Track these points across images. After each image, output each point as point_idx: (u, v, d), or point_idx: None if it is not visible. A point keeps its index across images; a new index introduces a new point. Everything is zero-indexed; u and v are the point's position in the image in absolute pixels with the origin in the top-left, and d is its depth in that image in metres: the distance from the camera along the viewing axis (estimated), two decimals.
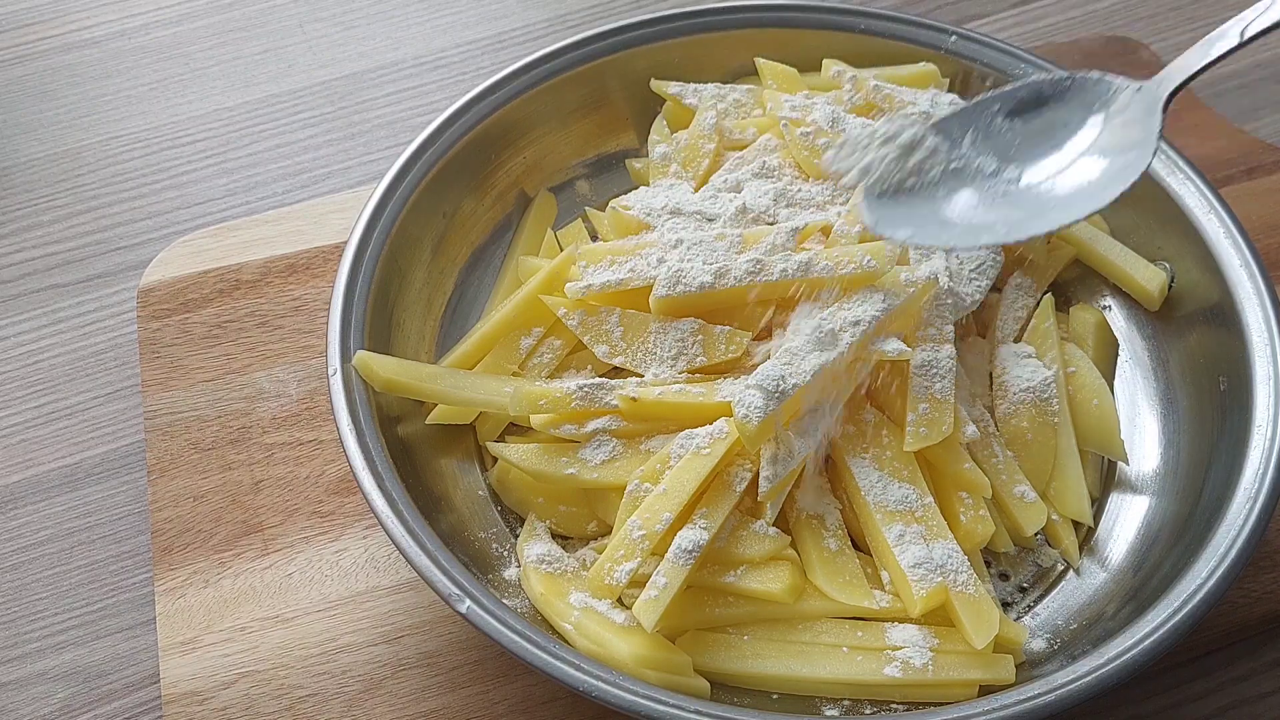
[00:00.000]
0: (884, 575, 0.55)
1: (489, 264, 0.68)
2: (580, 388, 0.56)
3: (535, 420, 0.57)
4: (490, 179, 0.69)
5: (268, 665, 0.57)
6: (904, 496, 0.55)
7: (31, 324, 0.72)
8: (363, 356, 0.57)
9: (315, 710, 0.56)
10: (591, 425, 0.56)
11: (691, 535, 0.52)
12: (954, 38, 0.70)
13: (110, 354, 0.71)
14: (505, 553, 0.58)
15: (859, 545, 0.57)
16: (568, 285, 0.60)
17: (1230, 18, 0.55)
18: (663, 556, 0.52)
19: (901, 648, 0.53)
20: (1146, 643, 0.49)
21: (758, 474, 0.54)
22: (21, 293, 0.74)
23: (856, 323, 0.55)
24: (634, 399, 0.56)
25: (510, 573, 0.57)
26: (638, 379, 0.58)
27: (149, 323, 0.69)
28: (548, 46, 0.69)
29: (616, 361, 0.59)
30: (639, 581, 0.52)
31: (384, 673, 0.57)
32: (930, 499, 0.55)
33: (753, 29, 0.72)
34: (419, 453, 0.59)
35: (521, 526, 0.59)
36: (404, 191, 0.63)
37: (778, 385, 0.53)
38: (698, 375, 0.58)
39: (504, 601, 0.51)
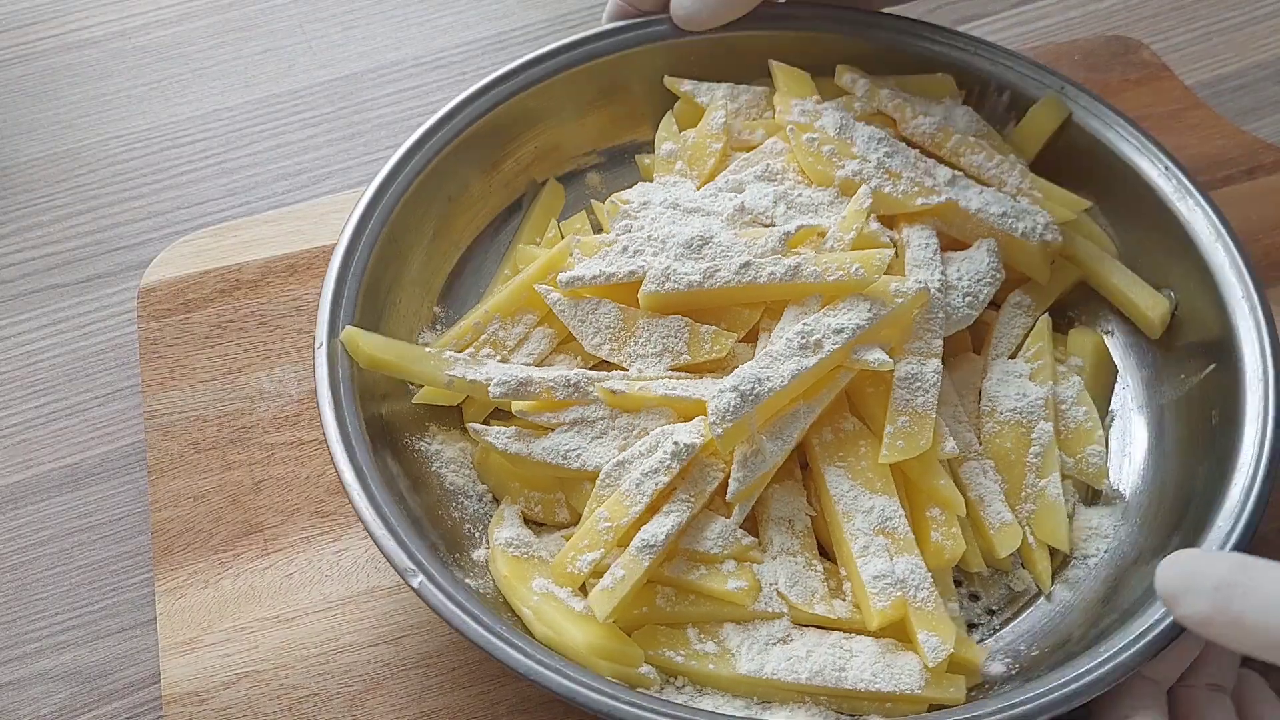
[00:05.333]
0: (847, 585, 0.55)
1: (492, 250, 0.68)
2: (563, 377, 0.56)
3: (516, 406, 0.57)
4: (500, 164, 0.68)
5: (268, 665, 0.57)
6: (875, 508, 0.54)
7: (31, 324, 0.72)
8: (350, 332, 0.56)
9: (316, 710, 0.55)
10: (570, 414, 0.56)
11: (655, 530, 0.52)
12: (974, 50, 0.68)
13: (110, 354, 0.71)
14: (478, 534, 0.58)
15: (828, 554, 0.57)
16: (559, 275, 0.59)
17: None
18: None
19: (855, 658, 0.52)
20: (1094, 674, 0.49)
21: (729, 475, 0.54)
22: (21, 293, 0.74)
23: (840, 330, 0.55)
24: (614, 393, 0.56)
25: (479, 554, 0.56)
26: (622, 373, 0.58)
27: (149, 323, 0.69)
28: (562, 40, 0.68)
29: (603, 354, 0.59)
30: (601, 572, 0.52)
31: (385, 673, 0.57)
32: (902, 513, 0.55)
33: (774, 29, 0.69)
34: (402, 432, 0.59)
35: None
36: (409, 173, 0.63)
37: (753, 388, 0.52)
38: (681, 373, 0.58)
39: (467, 581, 0.51)
